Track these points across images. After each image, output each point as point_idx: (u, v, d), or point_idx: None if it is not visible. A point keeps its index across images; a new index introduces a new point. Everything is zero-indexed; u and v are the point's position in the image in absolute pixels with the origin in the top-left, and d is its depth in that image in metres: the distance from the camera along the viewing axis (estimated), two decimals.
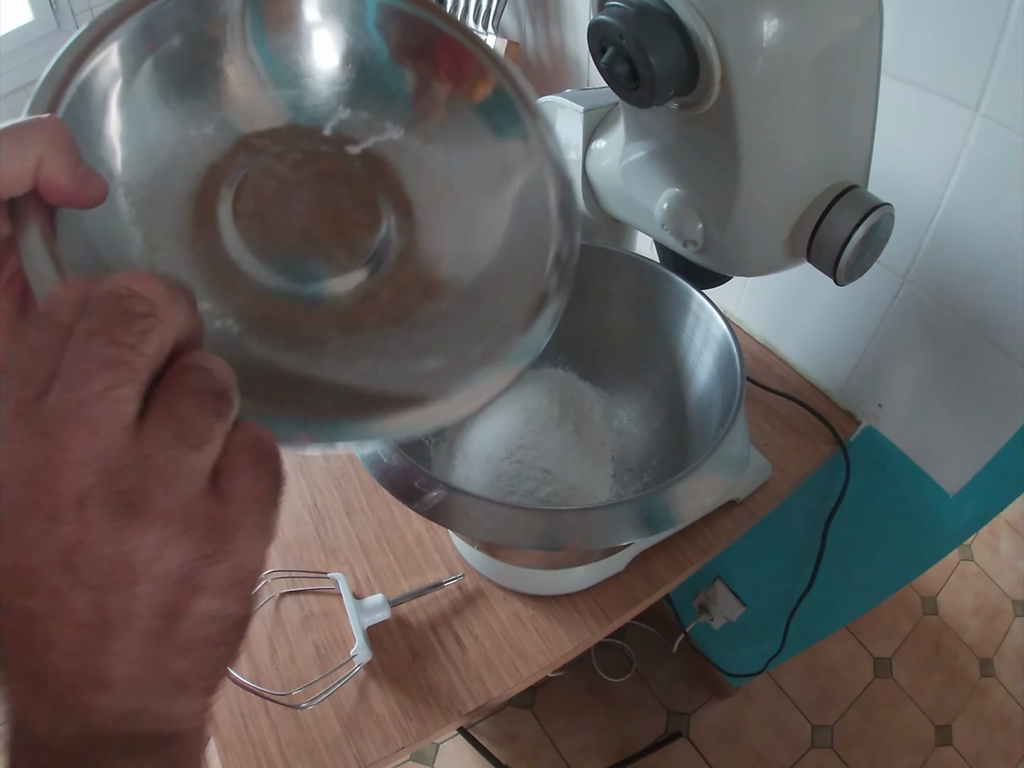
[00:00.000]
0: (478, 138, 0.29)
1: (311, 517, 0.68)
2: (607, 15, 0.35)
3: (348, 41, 0.28)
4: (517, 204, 0.29)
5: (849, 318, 0.70)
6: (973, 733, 1.32)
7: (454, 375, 0.25)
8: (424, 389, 0.24)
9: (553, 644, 0.58)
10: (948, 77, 0.51)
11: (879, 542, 0.82)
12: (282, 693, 0.55)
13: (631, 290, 0.58)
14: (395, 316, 0.26)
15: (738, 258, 0.46)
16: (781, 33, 0.34)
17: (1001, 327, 0.56)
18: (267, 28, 0.27)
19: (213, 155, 0.26)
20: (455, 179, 0.29)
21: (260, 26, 0.27)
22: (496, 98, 0.29)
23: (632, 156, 0.48)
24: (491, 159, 0.29)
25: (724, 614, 1.10)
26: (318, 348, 0.25)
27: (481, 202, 0.29)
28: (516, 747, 1.30)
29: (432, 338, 0.27)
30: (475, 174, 0.29)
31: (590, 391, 0.64)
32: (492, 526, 0.40)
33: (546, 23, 0.93)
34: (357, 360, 0.25)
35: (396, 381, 0.25)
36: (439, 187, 0.29)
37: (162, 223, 0.24)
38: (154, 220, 0.24)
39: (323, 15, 0.28)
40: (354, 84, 0.29)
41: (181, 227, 0.24)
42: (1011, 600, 1.52)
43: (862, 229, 0.40)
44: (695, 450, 0.52)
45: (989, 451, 0.62)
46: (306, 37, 0.28)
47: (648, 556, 0.62)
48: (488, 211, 0.29)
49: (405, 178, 0.29)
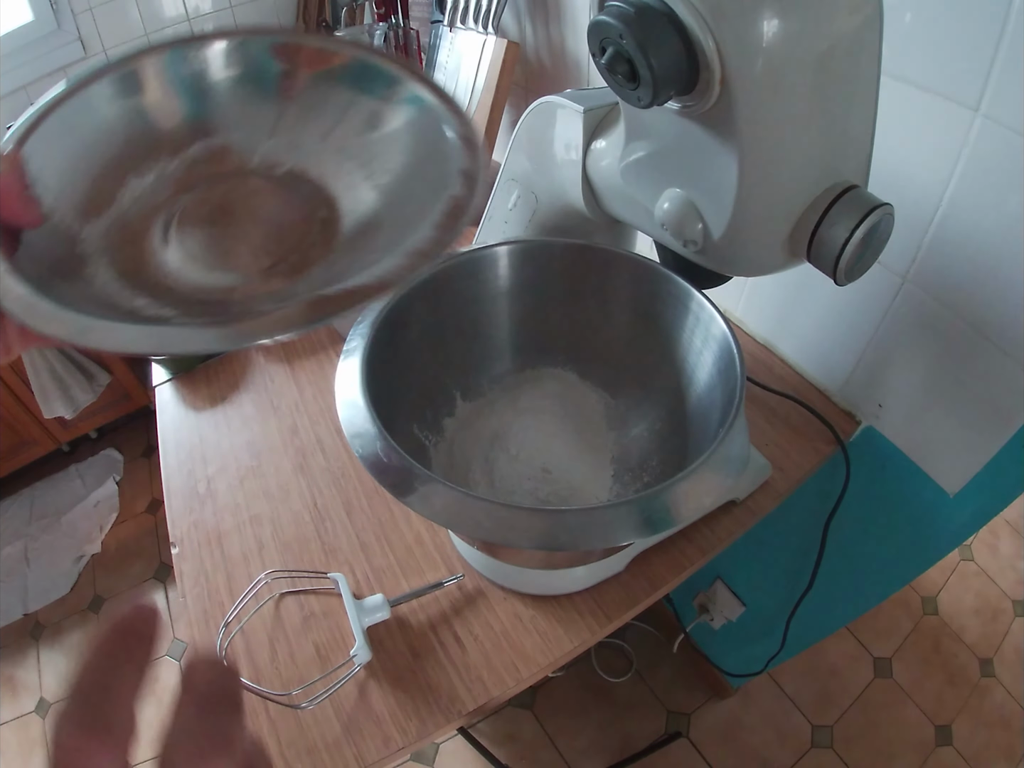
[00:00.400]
0: (349, 100, 0.33)
1: (311, 517, 0.68)
2: (607, 15, 0.35)
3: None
4: (408, 138, 0.32)
5: (849, 318, 0.70)
6: (973, 733, 1.32)
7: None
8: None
9: (553, 644, 0.58)
10: (948, 77, 0.51)
11: (879, 542, 0.82)
12: (282, 693, 0.55)
13: (631, 290, 0.58)
14: (320, 259, 0.29)
15: (738, 258, 0.46)
16: (781, 33, 0.34)
17: (1001, 327, 0.56)
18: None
19: (156, 198, 0.29)
20: (343, 141, 0.32)
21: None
22: (351, 67, 0.33)
23: (632, 156, 0.48)
24: (364, 110, 0.32)
25: (724, 614, 1.10)
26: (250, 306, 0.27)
27: (372, 147, 0.32)
28: (516, 747, 1.31)
29: (350, 261, 0.29)
30: (353, 126, 0.32)
31: (590, 391, 0.64)
32: (492, 526, 0.40)
33: (546, 23, 0.93)
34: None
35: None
36: (338, 158, 0.32)
37: (115, 250, 0.28)
38: (109, 249, 0.28)
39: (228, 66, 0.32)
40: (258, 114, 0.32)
41: (135, 251, 0.28)
42: (1011, 600, 1.52)
43: (862, 229, 0.40)
44: (695, 450, 0.52)
45: (989, 451, 0.62)
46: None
47: (648, 556, 0.62)
48: (383, 153, 0.32)
49: (321, 174, 0.31)
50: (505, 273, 0.60)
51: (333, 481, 0.71)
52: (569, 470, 0.59)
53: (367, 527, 0.66)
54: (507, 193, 0.69)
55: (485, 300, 0.61)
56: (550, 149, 0.60)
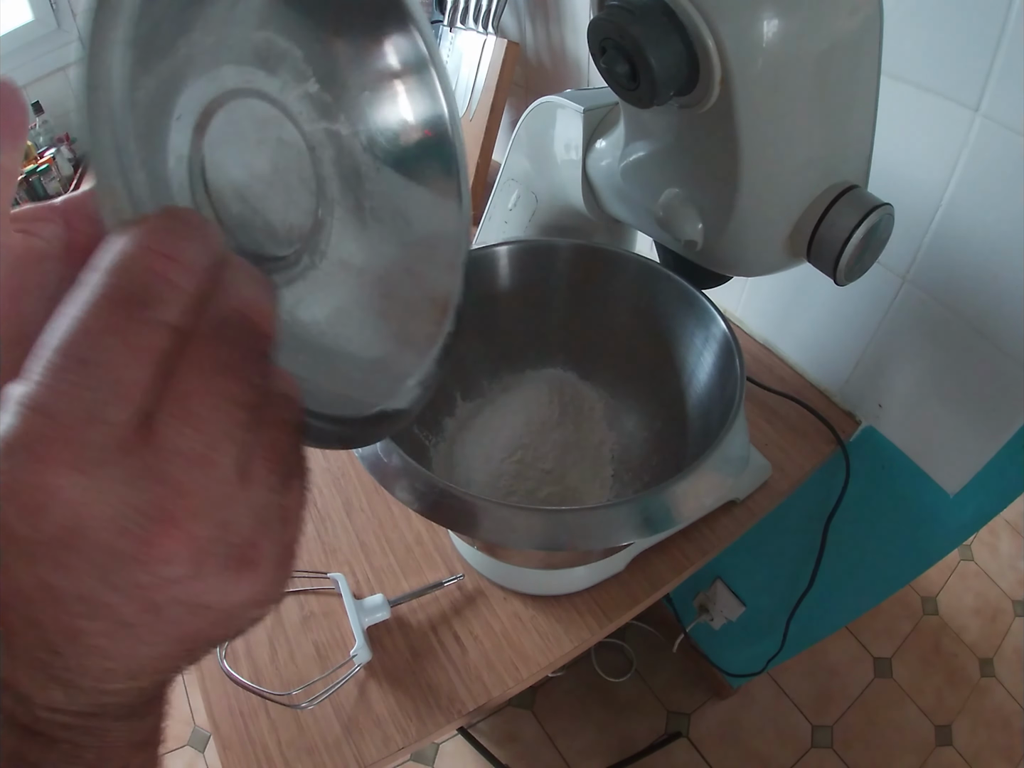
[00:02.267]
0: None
1: (311, 517, 0.68)
2: (607, 15, 0.35)
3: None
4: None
5: (849, 318, 0.70)
6: (973, 733, 1.32)
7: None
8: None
9: (553, 644, 0.58)
10: (948, 77, 0.51)
11: (879, 542, 0.82)
12: (282, 693, 0.55)
13: (631, 290, 0.58)
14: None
15: (738, 258, 0.46)
16: (781, 33, 0.34)
17: (1001, 327, 0.56)
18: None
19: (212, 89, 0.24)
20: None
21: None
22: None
23: (632, 156, 0.48)
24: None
25: (724, 614, 1.10)
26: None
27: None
28: (516, 747, 1.31)
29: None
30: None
31: (590, 391, 0.64)
32: (492, 526, 0.40)
33: (546, 23, 0.93)
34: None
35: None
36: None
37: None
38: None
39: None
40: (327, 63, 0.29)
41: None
42: (1011, 600, 1.52)
43: (862, 229, 0.40)
44: (695, 450, 0.52)
45: (989, 451, 0.62)
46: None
47: (648, 556, 0.62)
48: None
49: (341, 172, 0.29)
50: (505, 273, 0.60)
51: (333, 481, 0.71)
52: (569, 470, 0.59)
53: (367, 527, 0.66)
54: (507, 193, 0.69)
55: (485, 300, 0.61)
56: (550, 149, 0.60)
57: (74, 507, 0.13)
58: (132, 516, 0.14)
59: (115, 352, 0.14)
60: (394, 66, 0.30)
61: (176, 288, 0.15)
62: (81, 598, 0.14)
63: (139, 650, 0.15)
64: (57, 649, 0.14)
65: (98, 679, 0.15)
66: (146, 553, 0.14)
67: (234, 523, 0.15)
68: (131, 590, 0.14)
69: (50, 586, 0.14)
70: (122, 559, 0.14)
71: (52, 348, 0.14)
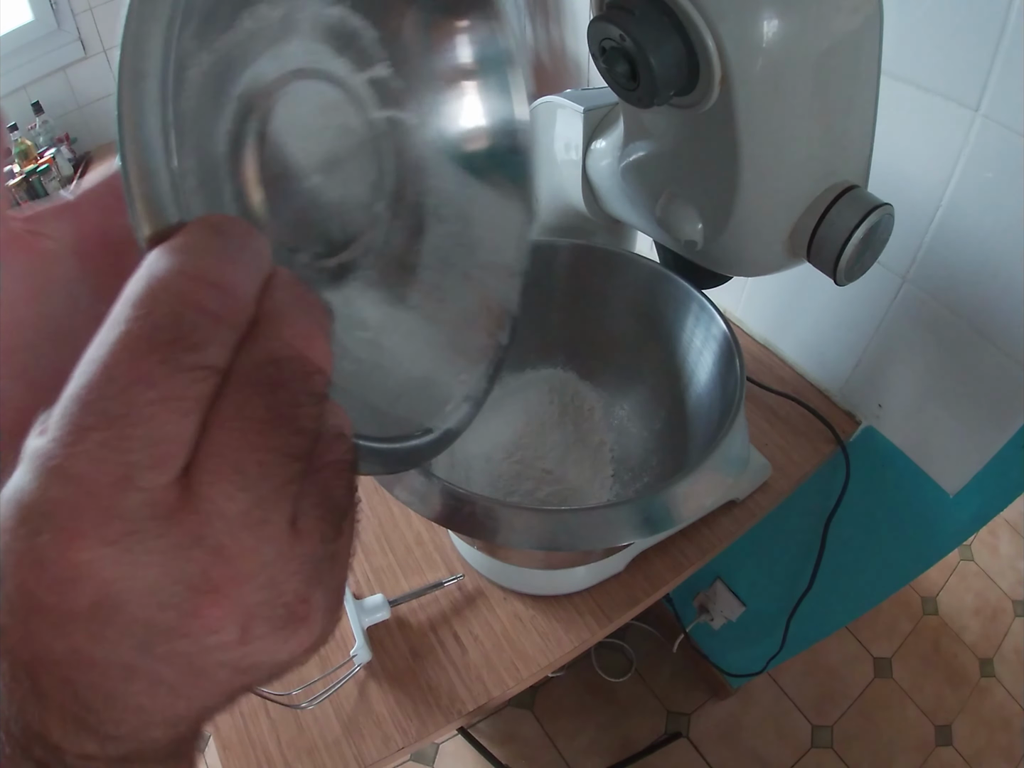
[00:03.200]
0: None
1: None
2: (607, 15, 0.35)
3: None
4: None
5: (849, 318, 0.70)
6: (973, 733, 1.32)
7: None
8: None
9: (553, 644, 0.58)
10: (948, 77, 0.51)
11: (879, 542, 0.82)
12: (282, 693, 0.55)
13: (631, 290, 0.58)
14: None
15: (738, 258, 0.46)
16: (781, 33, 0.34)
17: (1001, 327, 0.56)
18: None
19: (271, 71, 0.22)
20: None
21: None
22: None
23: (632, 156, 0.48)
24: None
25: (724, 614, 1.10)
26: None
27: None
28: (516, 747, 1.31)
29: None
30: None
31: (590, 391, 0.64)
32: (492, 526, 0.40)
33: (546, 23, 0.93)
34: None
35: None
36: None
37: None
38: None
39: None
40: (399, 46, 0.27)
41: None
42: (1011, 600, 1.52)
43: (862, 229, 0.40)
44: (695, 450, 0.52)
45: (989, 451, 0.62)
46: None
47: (648, 556, 0.62)
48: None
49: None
50: None
51: None
52: (569, 470, 0.59)
53: (367, 527, 0.66)
54: None
55: None
56: (550, 149, 0.60)
57: (108, 583, 0.12)
58: (174, 589, 0.12)
59: (149, 406, 0.12)
60: (471, 60, 0.28)
61: (219, 322, 0.13)
62: (119, 665, 0.13)
63: (179, 704, 0.14)
64: (92, 707, 0.13)
65: (135, 730, 0.14)
66: (189, 625, 0.13)
67: (284, 582, 0.14)
68: (173, 658, 0.13)
69: (84, 653, 0.13)
70: (163, 632, 0.13)
71: (75, 399, 0.12)
